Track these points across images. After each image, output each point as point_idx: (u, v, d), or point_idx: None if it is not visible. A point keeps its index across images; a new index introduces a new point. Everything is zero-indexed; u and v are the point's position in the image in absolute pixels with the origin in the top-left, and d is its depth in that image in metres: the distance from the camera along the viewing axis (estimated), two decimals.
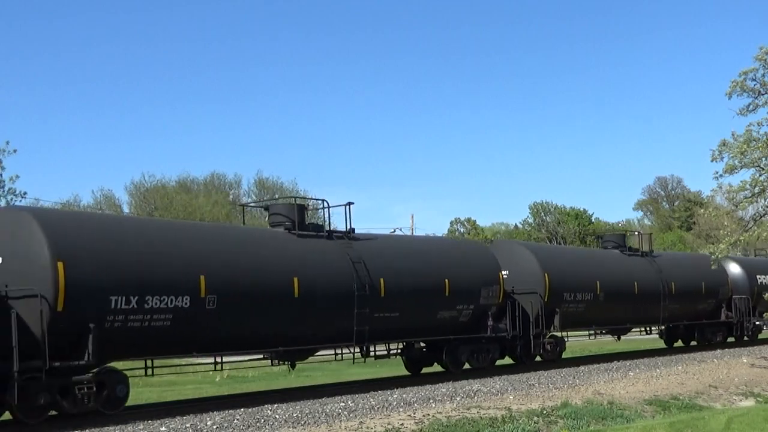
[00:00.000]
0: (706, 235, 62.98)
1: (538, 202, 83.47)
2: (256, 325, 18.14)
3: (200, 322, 16.89)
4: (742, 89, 24.32)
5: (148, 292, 15.94)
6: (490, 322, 23.80)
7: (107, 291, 15.38)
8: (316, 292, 19.15)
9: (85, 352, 15.10)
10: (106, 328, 15.37)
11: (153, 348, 16.79)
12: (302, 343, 19.53)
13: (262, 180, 65.36)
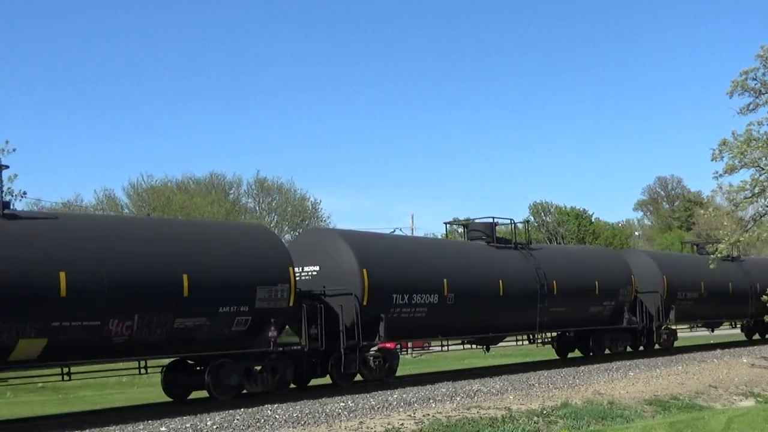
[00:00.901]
0: (706, 235, 62.92)
1: (538, 202, 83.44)
2: (477, 316, 23.84)
3: (443, 313, 22.52)
4: (743, 88, 24.33)
5: (414, 291, 21.69)
6: (626, 315, 29.17)
7: (391, 290, 21.06)
8: (513, 291, 24.75)
9: (377, 335, 20.73)
10: (389, 318, 20.87)
11: (415, 333, 23.36)
12: (501, 330, 25.52)
13: (261, 180, 65.25)
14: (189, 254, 17.14)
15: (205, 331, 17.09)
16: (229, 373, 17.88)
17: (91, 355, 15.81)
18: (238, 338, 17.87)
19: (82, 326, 15.26)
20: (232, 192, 65.34)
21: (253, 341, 18.16)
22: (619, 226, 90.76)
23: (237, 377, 18.04)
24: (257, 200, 65.65)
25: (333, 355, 20.02)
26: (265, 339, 18.26)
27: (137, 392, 25.45)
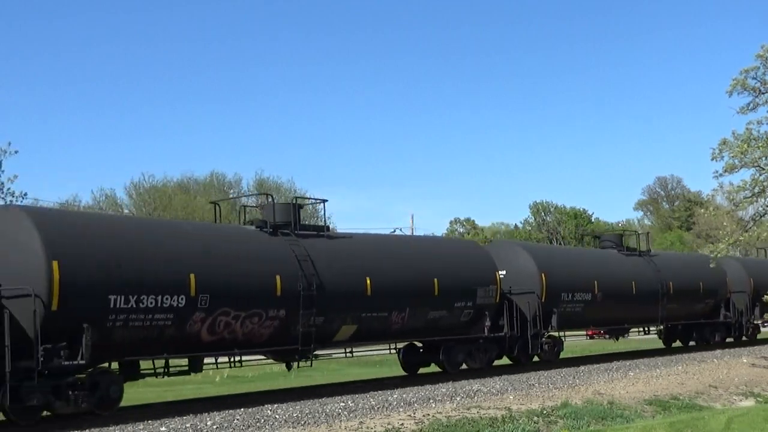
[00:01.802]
0: (706, 235, 62.95)
1: (538, 202, 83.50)
2: (617, 312, 29.16)
3: (594, 308, 27.85)
4: (743, 87, 24.32)
5: (575, 291, 26.97)
6: (722, 311, 34.51)
7: (560, 290, 26.40)
8: (642, 291, 29.94)
9: (549, 325, 26.12)
10: (559, 311, 26.24)
11: (574, 324, 29.01)
12: (632, 323, 31.80)
13: (261, 180, 65.26)
14: (437, 265, 22.91)
15: (445, 320, 22.84)
16: (457, 353, 23.57)
17: (378, 338, 22.34)
18: (465, 326, 23.59)
19: (377, 317, 20.90)
20: (232, 192, 65.36)
21: (472, 329, 23.80)
22: (619, 226, 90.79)
23: (462, 356, 23.70)
24: (258, 200, 65.66)
25: (521, 341, 25.20)
26: (481, 327, 23.87)
27: (137, 392, 25.43)
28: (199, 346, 17.41)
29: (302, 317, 18.84)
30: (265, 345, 18.85)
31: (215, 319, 17.28)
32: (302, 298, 18.75)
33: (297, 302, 18.69)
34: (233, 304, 17.50)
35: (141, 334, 16.08)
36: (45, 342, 14.51)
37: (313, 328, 19.15)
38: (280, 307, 18.44)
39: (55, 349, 14.72)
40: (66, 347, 14.86)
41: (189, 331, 16.88)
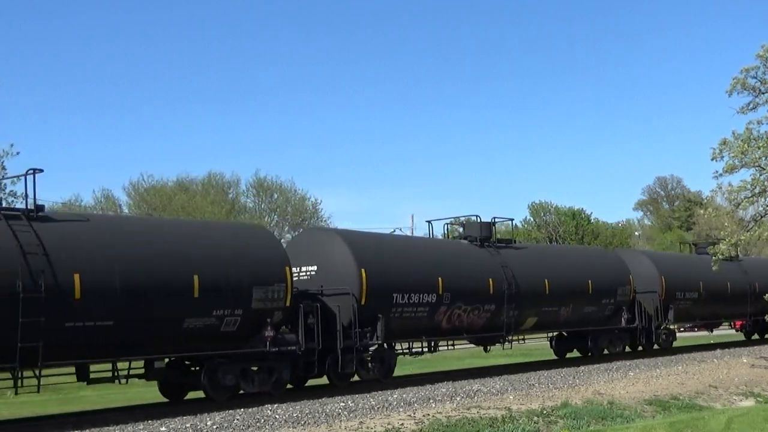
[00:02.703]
0: (706, 235, 62.92)
1: (537, 203, 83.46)
2: (716, 308, 33.80)
3: (700, 305, 32.66)
4: (743, 87, 24.31)
5: (686, 290, 31.51)
6: None
7: (676, 288, 30.95)
8: (735, 291, 34.03)
9: None
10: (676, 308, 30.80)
11: (684, 319, 33.56)
12: (725, 318, 36.77)
13: (260, 180, 65.21)
14: (590, 269, 28.19)
15: (594, 314, 28.07)
16: (603, 340, 28.85)
17: (549, 328, 27.85)
18: (607, 319, 28.70)
19: (551, 311, 26.24)
20: (230, 192, 65.31)
21: (612, 321, 29.07)
22: (619, 226, 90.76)
23: (605, 342, 28.83)
24: (257, 200, 65.63)
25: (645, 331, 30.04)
26: (618, 319, 29.12)
27: (137, 392, 25.40)
28: (439, 332, 23.08)
29: (506, 311, 24.39)
30: (479, 331, 24.49)
31: (452, 311, 22.91)
32: (506, 296, 24.21)
33: (503, 299, 24.20)
34: (464, 301, 23.15)
35: (409, 323, 21.69)
36: (358, 327, 20.09)
37: (511, 319, 24.76)
38: (492, 303, 24.05)
39: (363, 332, 20.31)
40: (369, 331, 20.52)
41: (435, 320, 22.57)
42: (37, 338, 14.49)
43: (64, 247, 15.30)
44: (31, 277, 14.59)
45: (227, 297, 17.33)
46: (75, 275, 15.09)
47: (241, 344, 17.88)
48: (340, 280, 20.29)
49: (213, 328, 17.17)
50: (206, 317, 17.01)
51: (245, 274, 17.75)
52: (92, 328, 15.36)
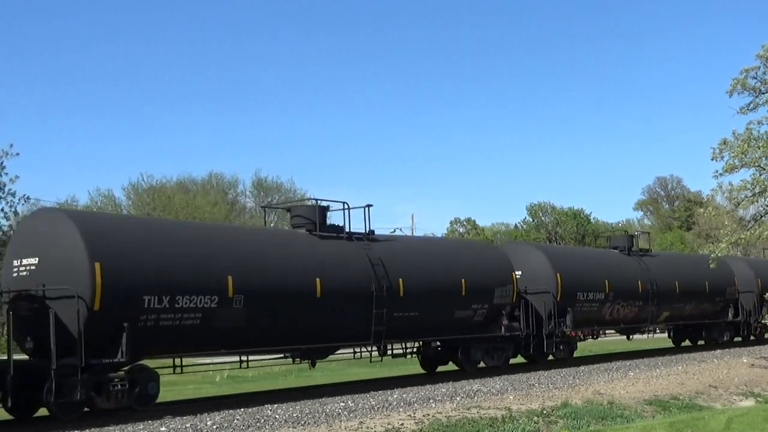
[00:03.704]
0: (706, 235, 62.93)
1: (536, 203, 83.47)
2: None
3: None
4: (743, 87, 24.30)
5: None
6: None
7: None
8: None
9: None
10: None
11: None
12: None
13: (260, 180, 65.26)
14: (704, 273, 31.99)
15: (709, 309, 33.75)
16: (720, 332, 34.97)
17: (675, 320, 32.93)
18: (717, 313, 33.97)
19: (683, 306, 32.16)
20: (230, 192, 65.33)
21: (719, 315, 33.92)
22: (619, 226, 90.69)
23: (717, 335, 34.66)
24: (256, 200, 65.66)
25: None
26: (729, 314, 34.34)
27: None
28: (603, 323, 28.93)
29: (649, 306, 29.94)
30: (628, 323, 29.67)
31: (614, 307, 28.44)
32: (649, 294, 29.79)
33: (647, 297, 29.84)
34: (621, 298, 28.61)
35: (586, 315, 27.26)
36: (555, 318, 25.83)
37: (652, 313, 30.29)
38: (639, 300, 29.57)
39: (557, 322, 25.85)
40: (562, 321, 26.02)
41: (602, 313, 28.05)
42: (381, 324, 20.49)
43: (392, 260, 21.15)
44: (377, 281, 20.45)
45: (480, 295, 23.32)
46: (400, 280, 21.06)
47: (484, 330, 23.91)
48: (543, 283, 25.84)
49: (470, 318, 23.32)
50: (467, 310, 23.14)
51: (490, 278, 23.80)
52: (408, 317, 21.33)
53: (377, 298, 20.33)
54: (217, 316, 17.15)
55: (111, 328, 15.51)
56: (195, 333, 16.92)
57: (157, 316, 16.21)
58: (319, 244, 20.15)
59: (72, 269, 15.39)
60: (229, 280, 17.33)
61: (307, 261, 19.47)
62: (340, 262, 20.10)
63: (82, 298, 15.20)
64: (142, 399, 16.46)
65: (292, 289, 18.74)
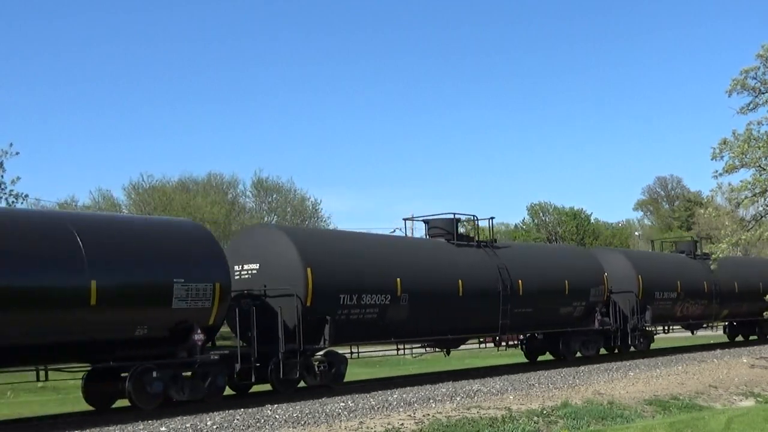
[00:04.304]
0: (706, 235, 62.94)
1: (536, 203, 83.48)
2: None
3: None
4: (742, 87, 24.32)
5: None
6: None
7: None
8: None
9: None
10: None
11: None
12: None
13: (260, 180, 65.15)
14: None
15: None
16: None
17: (725, 318, 36.16)
18: None
19: (738, 305, 34.87)
20: (230, 192, 65.23)
21: None
22: (619, 226, 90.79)
23: None
24: (256, 200, 65.59)
25: None
26: None
27: None
28: (674, 319, 32.13)
29: (713, 305, 33.25)
30: (695, 319, 33.13)
31: (683, 305, 31.68)
32: (713, 293, 33.03)
33: (711, 296, 33.03)
34: (690, 297, 31.89)
35: (662, 312, 30.44)
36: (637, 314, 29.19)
37: (716, 311, 33.75)
38: (704, 299, 32.83)
39: (638, 318, 29.22)
40: (643, 317, 29.23)
41: (674, 310, 31.46)
42: (506, 318, 24.06)
43: (512, 264, 24.57)
44: (503, 282, 23.98)
45: (579, 294, 26.69)
46: (519, 281, 24.50)
47: (581, 324, 27.13)
48: (626, 284, 28.91)
49: (570, 314, 26.68)
50: (569, 307, 26.57)
51: (587, 279, 27.26)
52: (524, 312, 24.72)
53: (503, 296, 24.02)
54: (389, 311, 20.74)
55: (317, 320, 19.12)
56: (373, 325, 20.54)
57: (348, 311, 19.82)
58: (457, 251, 23.92)
59: (290, 273, 18.94)
60: (398, 281, 20.97)
61: (450, 265, 23.13)
62: (474, 266, 23.75)
63: (299, 297, 18.78)
64: (336, 378, 20.22)
65: (441, 288, 22.36)
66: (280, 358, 18.32)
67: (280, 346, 18.29)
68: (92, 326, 15.13)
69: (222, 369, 17.41)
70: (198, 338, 16.68)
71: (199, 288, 16.58)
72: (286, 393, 18.72)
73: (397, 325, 21.03)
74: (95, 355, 15.84)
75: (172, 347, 16.61)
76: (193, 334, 16.60)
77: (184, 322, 16.50)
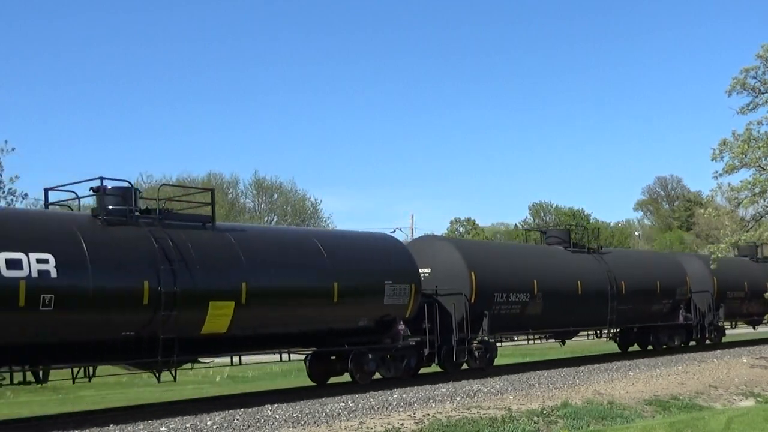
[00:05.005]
0: (706, 235, 62.93)
1: (537, 203, 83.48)
2: None
3: None
4: (742, 87, 24.31)
5: None
6: None
7: None
8: None
9: None
10: None
11: None
12: None
13: (260, 180, 65.18)
14: None
15: None
16: None
17: None
18: None
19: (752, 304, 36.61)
20: (230, 192, 65.23)
21: None
22: (619, 226, 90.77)
23: None
24: (256, 200, 65.64)
25: None
26: None
27: (137, 392, 25.45)
28: (741, 316, 36.55)
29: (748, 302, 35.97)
30: (756, 316, 37.14)
31: (749, 303, 35.36)
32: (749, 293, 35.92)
33: None
34: (755, 296, 34.23)
35: (732, 310, 34.52)
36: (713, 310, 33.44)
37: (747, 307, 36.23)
38: (756, 299, 35.02)
39: (714, 315, 33.46)
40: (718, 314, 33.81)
41: (741, 308, 35.37)
42: (613, 314, 28.58)
43: (616, 267, 29.10)
44: (610, 283, 28.45)
45: (667, 293, 31.26)
46: (622, 282, 28.98)
47: (668, 319, 31.92)
48: (703, 284, 33.00)
49: (660, 311, 31.41)
50: (659, 304, 31.25)
51: (673, 280, 31.99)
52: (625, 309, 29.16)
53: (611, 295, 28.45)
54: (528, 307, 25.13)
55: (478, 315, 23.35)
56: (516, 318, 24.92)
57: (500, 306, 24.09)
58: (573, 257, 28.35)
59: (457, 277, 23.27)
60: (534, 282, 25.33)
61: (570, 269, 27.46)
62: (587, 269, 28.12)
63: (465, 295, 23.06)
64: (489, 362, 24.27)
65: (566, 288, 26.74)
66: (453, 344, 22.74)
67: (455, 335, 22.75)
68: (332, 318, 19.57)
69: (415, 353, 22.09)
70: (401, 328, 21.03)
71: (401, 288, 21.05)
72: (453, 373, 23.22)
73: (533, 318, 25.58)
74: (329, 341, 20.27)
75: (380, 335, 21.10)
76: (396, 325, 20.96)
77: (389, 315, 20.88)
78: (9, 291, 13.88)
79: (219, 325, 16.96)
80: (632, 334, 32.03)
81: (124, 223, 16.25)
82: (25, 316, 14.17)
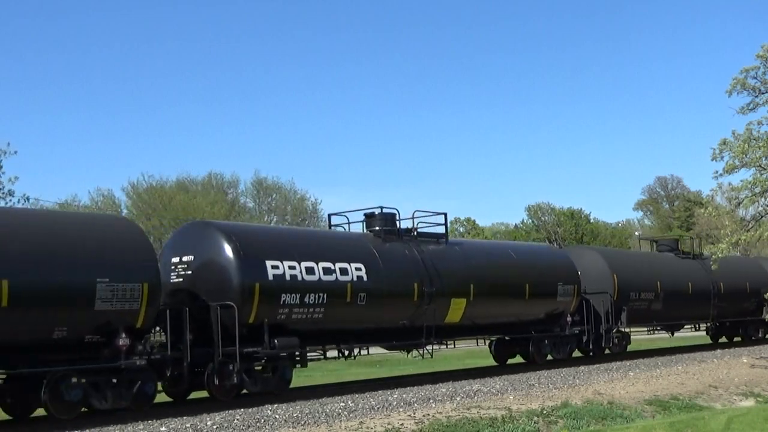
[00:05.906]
0: (706, 235, 62.96)
1: (535, 204, 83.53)
2: None
3: None
4: (742, 87, 24.31)
5: None
6: None
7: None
8: None
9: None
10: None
11: None
12: None
13: (260, 180, 65.15)
14: None
15: None
16: None
17: None
18: None
19: None
20: (230, 192, 65.21)
21: None
22: (618, 226, 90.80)
23: None
24: (256, 200, 65.59)
25: None
26: None
27: None
28: None
29: None
30: None
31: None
32: None
33: None
34: None
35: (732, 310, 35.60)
36: None
37: None
38: None
39: None
40: None
41: None
42: (714, 310, 33.80)
43: (661, 270, 31.75)
44: (712, 284, 33.28)
45: (755, 292, 35.48)
46: (720, 283, 33.66)
47: (754, 315, 36.13)
48: None
49: (747, 308, 35.81)
50: (748, 302, 35.25)
51: (759, 281, 35.55)
52: (722, 305, 33.85)
53: (713, 294, 33.42)
54: (653, 304, 30.17)
55: (618, 309, 28.53)
56: (644, 313, 30.20)
57: (633, 303, 29.28)
58: (682, 262, 33.46)
59: (603, 279, 28.33)
60: (658, 283, 30.52)
61: (682, 272, 32.52)
62: (694, 272, 32.98)
63: (609, 294, 28.30)
64: (623, 348, 30.28)
65: (680, 288, 31.72)
66: (602, 333, 27.98)
67: (602, 325, 28.00)
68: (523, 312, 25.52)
69: (575, 339, 27.20)
70: (568, 320, 26.40)
71: (568, 288, 26.30)
72: (599, 356, 28.47)
73: (656, 313, 30.72)
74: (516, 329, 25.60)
75: (552, 325, 26.43)
76: (565, 317, 26.34)
77: (559, 309, 26.17)
78: (341, 290, 19.27)
79: (455, 316, 22.41)
80: (723, 328, 37.12)
81: (394, 240, 21.65)
82: (350, 308, 19.57)
